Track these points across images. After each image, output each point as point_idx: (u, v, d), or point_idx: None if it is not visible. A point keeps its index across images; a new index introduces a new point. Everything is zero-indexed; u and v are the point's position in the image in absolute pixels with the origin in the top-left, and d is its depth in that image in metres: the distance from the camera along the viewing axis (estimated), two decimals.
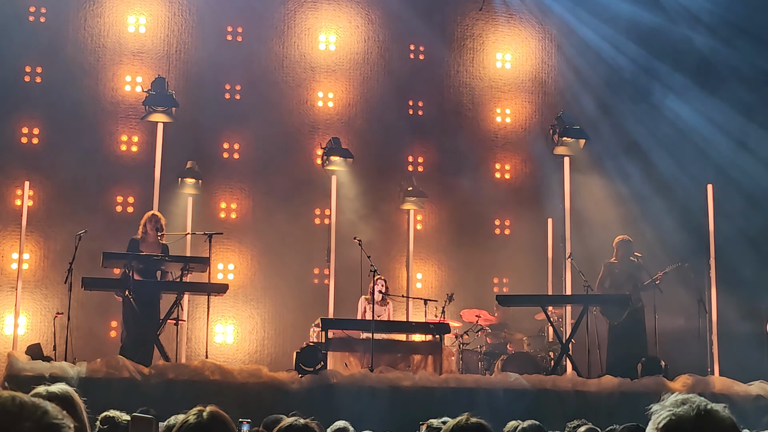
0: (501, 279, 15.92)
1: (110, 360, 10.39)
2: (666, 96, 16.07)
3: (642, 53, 16.26)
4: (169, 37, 15.36)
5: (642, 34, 16.17)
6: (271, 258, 15.05)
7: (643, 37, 16.18)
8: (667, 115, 16.05)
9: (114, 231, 14.43)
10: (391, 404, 10.41)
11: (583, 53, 16.39)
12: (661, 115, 16.10)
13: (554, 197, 15.17)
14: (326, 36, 16.00)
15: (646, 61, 16.25)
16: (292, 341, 13.24)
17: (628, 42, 16.15)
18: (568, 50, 16.52)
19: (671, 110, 16.00)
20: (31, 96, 14.73)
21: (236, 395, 10.19)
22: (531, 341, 13.55)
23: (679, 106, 15.92)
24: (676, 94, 16.04)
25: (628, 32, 16.14)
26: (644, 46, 16.22)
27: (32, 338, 13.11)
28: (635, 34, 16.16)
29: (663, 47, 16.25)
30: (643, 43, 16.20)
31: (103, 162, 14.78)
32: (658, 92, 16.18)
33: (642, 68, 16.27)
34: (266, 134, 15.41)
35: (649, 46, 16.23)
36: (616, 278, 12.93)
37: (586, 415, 7.72)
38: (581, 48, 16.38)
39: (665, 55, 16.31)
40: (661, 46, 16.24)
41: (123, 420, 5.15)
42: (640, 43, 16.19)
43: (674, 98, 16.05)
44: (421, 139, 16.06)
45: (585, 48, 16.37)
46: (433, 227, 15.85)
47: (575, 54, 16.44)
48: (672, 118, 16.03)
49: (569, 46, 16.50)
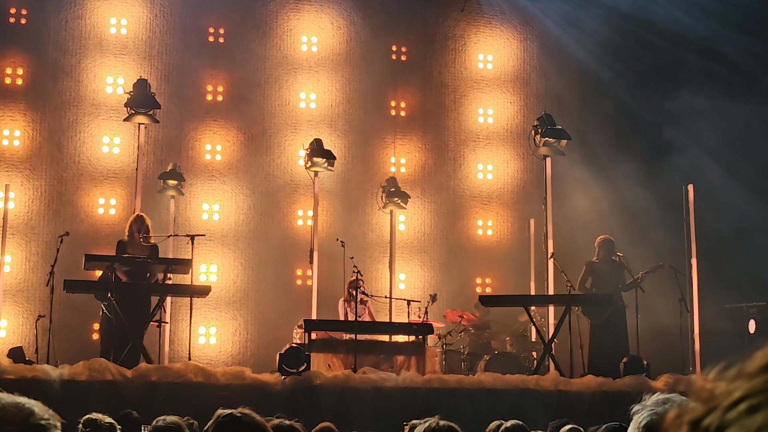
0: (484, 279, 15.96)
1: (92, 363, 10.34)
2: (649, 94, 16.15)
3: (625, 52, 16.33)
4: (150, 39, 15.32)
5: (623, 32, 16.24)
6: (254, 259, 15.04)
7: (625, 35, 16.26)
8: (651, 113, 16.14)
9: (96, 233, 14.41)
10: (374, 405, 10.41)
11: (565, 53, 16.44)
12: (644, 113, 16.18)
13: (536, 197, 15.22)
14: (308, 37, 16.00)
15: (629, 60, 16.32)
16: (275, 343, 13.21)
17: (610, 40, 16.22)
18: (550, 51, 16.58)
19: (656, 108, 16.09)
20: (12, 97, 14.67)
21: (219, 397, 10.18)
22: (514, 341, 13.58)
23: (662, 103, 16.00)
24: (659, 93, 16.12)
25: (610, 30, 16.21)
26: (626, 46, 16.30)
27: (14, 341, 13.06)
28: (617, 32, 16.23)
29: (646, 45, 16.33)
30: (626, 42, 16.27)
31: (85, 164, 14.73)
32: (641, 91, 16.26)
33: (625, 68, 16.34)
34: (248, 135, 15.40)
35: (632, 45, 16.31)
36: (598, 278, 12.96)
37: (568, 415, 7.75)
38: (563, 48, 16.44)
39: (648, 54, 16.39)
40: (644, 44, 16.33)
41: (105, 422, 5.13)
42: (623, 41, 16.27)
43: (657, 96, 16.13)
44: (404, 139, 16.08)
45: (566, 48, 16.42)
46: (416, 228, 15.87)
47: (557, 54, 16.49)
48: (655, 116, 16.12)
49: (551, 47, 16.55)
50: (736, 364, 1.10)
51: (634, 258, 13.31)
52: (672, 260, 13.27)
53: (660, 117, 16.03)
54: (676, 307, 12.97)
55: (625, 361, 11.87)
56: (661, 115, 16.04)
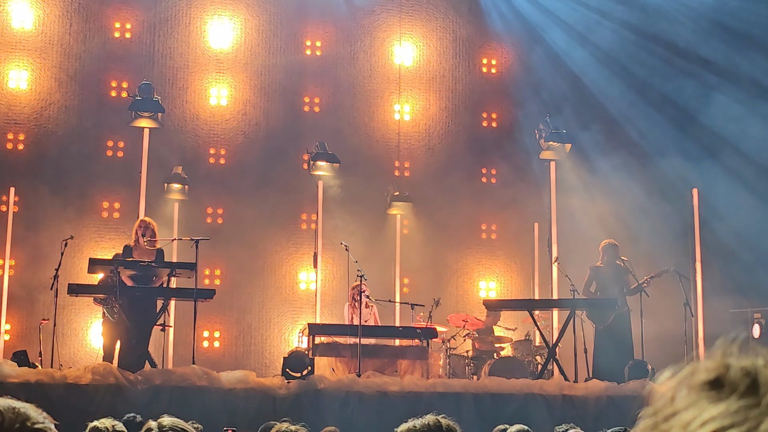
0: (488, 283, 15.95)
1: (96, 367, 10.34)
2: (653, 95, 16.15)
3: (628, 51, 16.33)
4: (154, 43, 15.34)
5: (623, 35, 16.25)
6: (258, 263, 15.04)
7: (625, 38, 16.26)
8: (656, 117, 16.12)
9: (100, 237, 14.41)
10: (378, 409, 10.39)
11: (570, 58, 16.43)
12: (650, 116, 16.16)
13: (540, 201, 15.20)
14: (312, 41, 16.01)
15: (630, 62, 16.32)
16: (279, 347, 13.23)
17: (612, 42, 16.22)
18: (552, 54, 16.56)
19: (660, 110, 16.08)
20: (16, 102, 14.68)
21: (223, 401, 10.17)
22: (518, 346, 13.55)
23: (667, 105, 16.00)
24: (662, 95, 16.11)
25: (611, 33, 16.21)
26: (628, 46, 16.30)
27: (18, 345, 13.06)
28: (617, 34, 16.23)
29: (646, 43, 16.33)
30: (627, 42, 16.28)
31: (89, 167, 14.73)
32: (645, 92, 16.25)
33: (627, 70, 16.33)
34: (252, 139, 15.40)
35: (633, 47, 16.31)
36: (603, 282, 12.94)
37: (573, 419, 7.74)
38: (565, 51, 16.42)
39: (651, 54, 16.38)
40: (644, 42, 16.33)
41: (111, 428, 5.10)
42: (625, 44, 16.27)
43: (663, 98, 16.12)
44: (408, 143, 16.08)
45: (571, 53, 16.41)
46: (420, 232, 15.85)
47: (560, 58, 16.47)
48: (661, 119, 16.10)
49: (554, 50, 16.53)
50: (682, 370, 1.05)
51: (638, 262, 13.29)
52: (676, 265, 13.24)
53: (665, 120, 16.01)
54: (680, 311, 12.94)
55: (630, 365, 11.85)
56: (666, 118, 16.02)
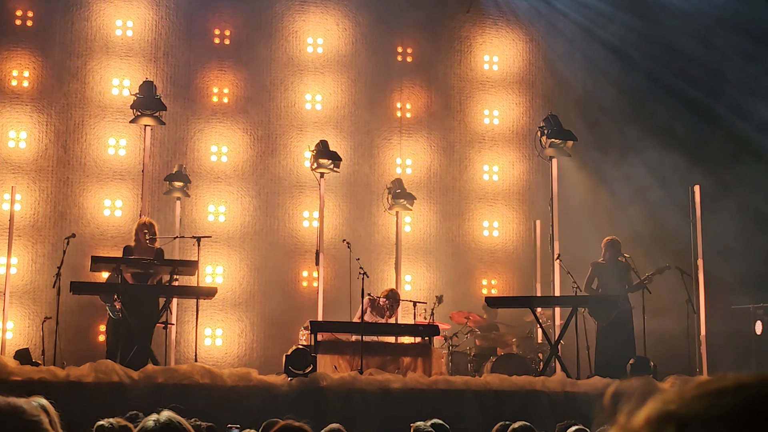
0: (489, 280, 15.95)
1: (99, 364, 10.35)
2: (655, 91, 16.13)
3: (630, 53, 16.31)
4: (156, 41, 15.34)
5: (630, 33, 16.23)
6: (260, 261, 15.04)
7: (633, 36, 16.24)
8: (657, 114, 16.11)
9: (102, 235, 14.43)
10: (380, 406, 10.40)
11: (571, 54, 16.42)
12: (650, 115, 16.15)
13: (542, 199, 15.19)
14: (314, 38, 16.00)
15: (635, 61, 16.31)
16: (282, 344, 13.21)
17: (616, 41, 16.21)
18: (555, 52, 16.55)
19: (662, 106, 16.06)
20: (18, 100, 14.69)
21: (226, 399, 10.19)
22: (520, 343, 13.56)
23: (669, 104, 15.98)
24: (665, 94, 16.10)
25: (617, 31, 16.19)
26: (630, 47, 16.28)
27: (21, 343, 13.08)
28: (624, 31, 16.21)
29: (652, 47, 16.32)
30: (629, 43, 16.26)
31: (91, 165, 14.74)
32: (646, 92, 16.23)
33: (632, 68, 16.32)
34: (254, 137, 15.41)
35: (639, 46, 16.29)
36: (604, 279, 12.94)
37: (575, 416, 7.73)
38: (568, 49, 16.42)
39: (654, 56, 16.36)
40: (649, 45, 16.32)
41: (117, 426, 5.10)
42: (631, 41, 16.25)
43: (660, 98, 16.11)
44: (409, 140, 16.07)
45: (572, 49, 16.41)
46: (422, 229, 15.86)
47: (563, 56, 16.47)
48: (660, 118, 16.09)
49: (557, 48, 16.52)
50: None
51: (640, 259, 13.28)
52: (678, 261, 13.24)
53: (667, 117, 16.01)
54: (683, 308, 12.95)
55: (632, 362, 11.85)
56: (668, 115, 16.01)
